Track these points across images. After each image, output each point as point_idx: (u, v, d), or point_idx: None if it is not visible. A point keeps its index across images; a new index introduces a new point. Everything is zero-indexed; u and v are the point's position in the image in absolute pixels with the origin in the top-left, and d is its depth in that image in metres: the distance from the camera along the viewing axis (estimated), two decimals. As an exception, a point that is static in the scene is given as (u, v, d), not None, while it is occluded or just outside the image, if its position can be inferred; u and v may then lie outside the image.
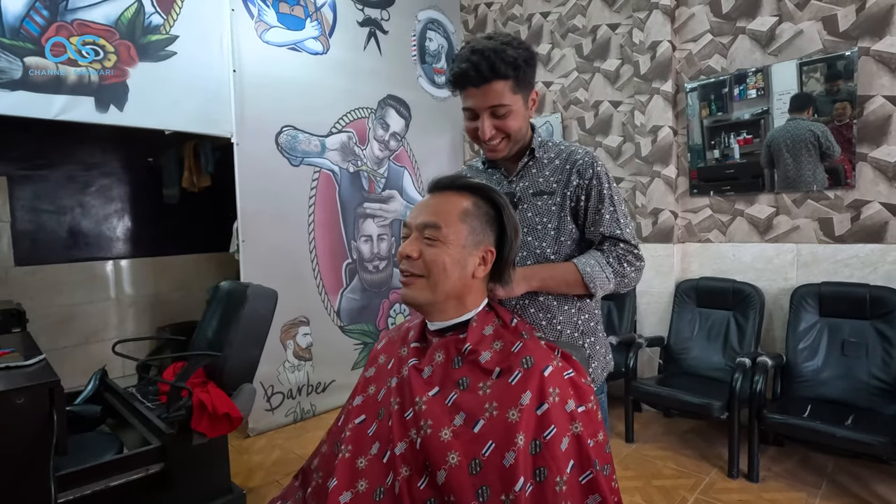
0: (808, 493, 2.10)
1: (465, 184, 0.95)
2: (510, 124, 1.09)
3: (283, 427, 2.97)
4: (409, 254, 0.89)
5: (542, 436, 0.75)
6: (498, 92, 1.05)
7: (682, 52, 2.88)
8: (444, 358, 0.88)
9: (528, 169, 1.18)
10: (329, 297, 3.21)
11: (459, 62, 1.06)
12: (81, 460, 1.49)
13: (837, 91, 2.36)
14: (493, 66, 1.02)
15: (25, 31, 2.14)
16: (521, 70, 1.06)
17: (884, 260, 2.31)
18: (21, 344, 1.78)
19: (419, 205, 0.95)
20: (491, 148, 1.12)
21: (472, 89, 1.06)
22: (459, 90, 1.10)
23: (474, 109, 1.09)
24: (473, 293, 0.93)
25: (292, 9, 3.01)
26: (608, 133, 3.25)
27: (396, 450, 0.81)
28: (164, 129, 2.57)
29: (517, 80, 1.06)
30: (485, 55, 1.02)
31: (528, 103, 1.12)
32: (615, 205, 1.13)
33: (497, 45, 1.04)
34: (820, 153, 2.45)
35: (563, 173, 1.14)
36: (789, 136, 2.52)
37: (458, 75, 1.06)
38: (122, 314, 3.75)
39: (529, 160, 1.18)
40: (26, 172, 3.35)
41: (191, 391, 1.73)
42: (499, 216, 0.94)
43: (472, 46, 1.06)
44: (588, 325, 1.19)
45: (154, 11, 2.48)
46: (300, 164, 3.04)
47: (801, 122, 2.48)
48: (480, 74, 1.03)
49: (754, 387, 2.20)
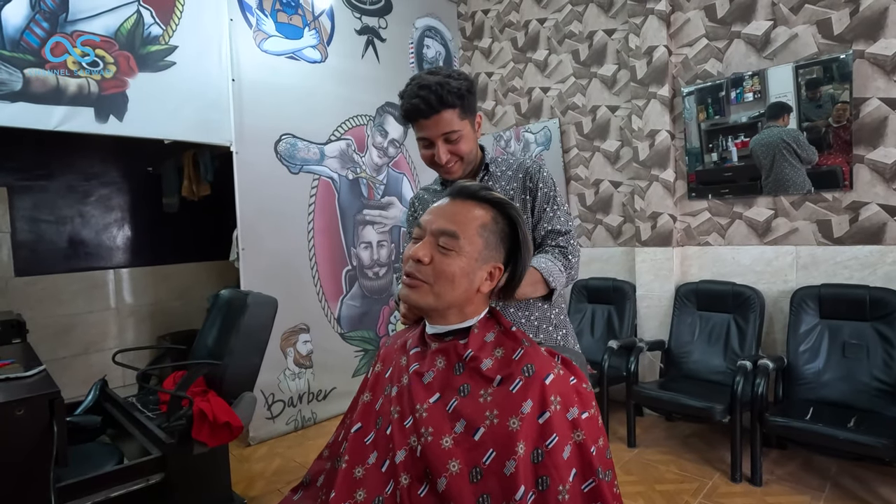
0: (812, 496, 2.09)
1: (488, 197, 0.92)
2: (462, 148, 1.21)
3: (285, 435, 2.96)
4: (420, 258, 0.86)
5: (544, 444, 0.75)
6: (447, 120, 1.17)
7: (679, 57, 2.90)
8: (445, 364, 0.87)
9: (485, 183, 1.29)
10: (329, 304, 3.21)
11: (409, 98, 1.17)
12: (82, 471, 1.49)
13: (833, 94, 2.38)
14: (441, 97, 1.13)
15: (25, 42, 2.15)
16: (465, 98, 1.17)
17: (883, 261, 2.31)
18: (21, 355, 1.79)
19: (437, 208, 0.92)
20: (447, 171, 1.24)
21: (424, 121, 1.17)
22: (412, 123, 1.21)
23: (428, 138, 1.20)
24: (475, 304, 0.92)
25: (290, 18, 3.04)
26: (606, 138, 3.27)
27: (396, 458, 0.80)
28: (163, 138, 2.58)
29: (463, 107, 1.18)
30: (432, 89, 1.13)
31: (474, 126, 1.24)
32: (558, 205, 1.27)
33: (441, 78, 1.15)
34: (798, 158, 2.49)
35: (517, 181, 1.28)
36: (763, 144, 2.59)
37: (409, 110, 1.17)
38: (122, 323, 3.74)
39: (485, 175, 1.31)
40: (26, 183, 3.36)
41: (191, 400, 1.72)
42: (513, 233, 0.92)
43: (419, 83, 1.16)
44: (559, 318, 1.30)
45: (153, 22, 2.50)
46: (299, 171, 3.05)
47: (773, 130, 2.54)
48: (430, 106, 1.14)
49: (756, 390, 2.20)
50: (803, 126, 2.46)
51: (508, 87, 3.77)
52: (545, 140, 3.54)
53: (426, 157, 1.25)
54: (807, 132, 2.46)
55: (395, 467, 0.80)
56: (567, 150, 3.45)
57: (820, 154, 2.44)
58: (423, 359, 0.91)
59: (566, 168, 3.45)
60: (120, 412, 1.98)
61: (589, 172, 3.36)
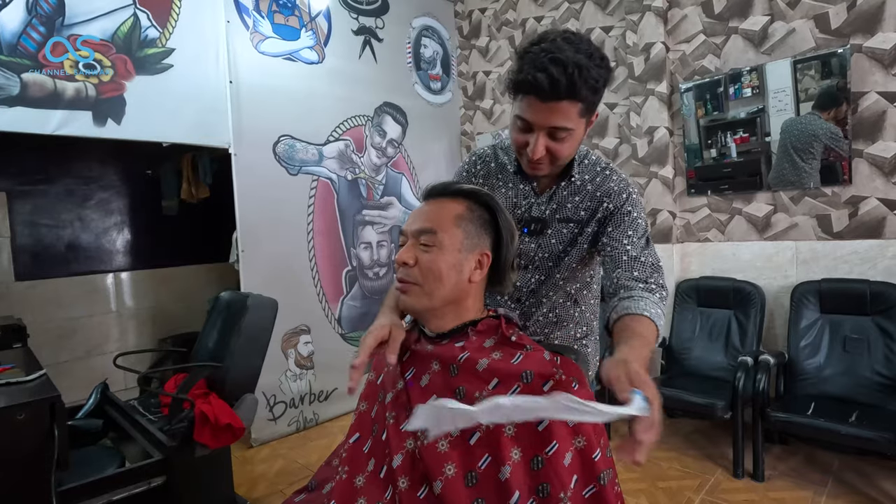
0: (815, 490, 2.09)
1: (458, 189, 0.95)
2: (564, 150, 0.97)
3: (287, 436, 2.96)
4: (405, 260, 0.88)
5: (544, 451, 0.74)
6: (565, 113, 0.90)
7: (676, 53, 2.90)
8: (440, 367, 0.87)
9: (561, 191, 1.09)
10: (330, 305, 3.21)
11: (533, 68, 0.87)
12: (83, 475, 1.49)
13: (831, 88, 2.37)
14: (574, 85, 0.86)
15: (23, 47, 2.15)
16: (598, 93, 0.92)
17: (883, 255, 2.31)
18: (22, 359, 1.78)
19: (414, 212, 0.95)
20: (534, 165, 1.00)
21: (537, 102, 0.90)
22: (521, 95, 0.92)
23: (531, 122, 0.93)
24: (472, 297, 0.93)
25: (287, 19, 3.03)
26: (604, 135, 3.26)
27: (394, 462, 0.80)
28: (161, 141, 2.58)
29: (587, 105, 0.92)
30: (567, 70, 0.86)
31: (587, 128, 0.98)
32: (648, 237, 1.06)
33: (582, 59, 0.87)
34: (816, 156, 2.46)
35: (594, 200, 1.07)
36: (800, 130, 2.47)
37: (527, 83, 0.89)
38: (122, 327, 3.74)
39: (565, 181, 1.08)
40: (26, 187, 3.36)
41: (193, 403, 1.72)
42: (493, 220, 0.93)
43: (552, 53, 0.87)
44: (591, 325, 1.25)
45: (150, 25, 2.50)
46: (298, 172, 3.05)
47: (816, 121, 2.43)
48: (556, 90, 0.87)
49: (757, 385, 2.20)
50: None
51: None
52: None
53: (517, 141, 0.99)
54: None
55: (393, 472, 0.80)
56: (566, 147, 3.45)
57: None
58: (417, 363, 0.91)
59: (565, 166, 3.45)
60: (121, 415, 1.98)
61: (588, 170, 3.36)
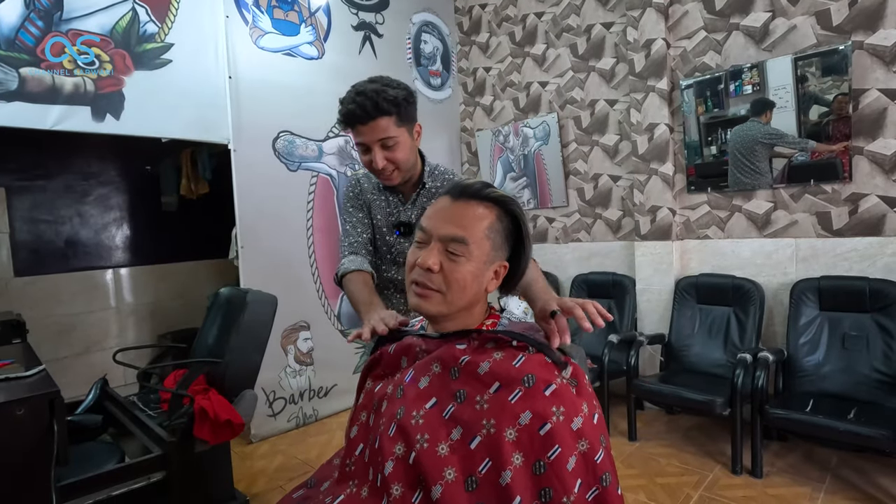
0: (813, 487, 2.10)
1: (489, 195, 0.90)
2: (398, 155, 1.26)
3: (286, 432, 2.97)
4: (430, 266, 0.84)
5: (546, 456, 0.73)
6: (383, 127, 1.22)
7: (677, 50, 2.89)
8: (440, 369, 0.86)
9: (420, 197, 1.38)
10: (329, 302, 3.20)
11: (347, 103, 1.21)
12: (83, 470, 1.49)
13: (832, 85, 2.36)
14: (377, 104, 1.19)
15: (21, 42, 2.14)
16: (402, 106, 1.22)
17: (882, 252, 2.31)
18: (21, 355, 1.78)
19: (441, 211, 0.89)
20: (385, 177, 1.30)
21: (361, 126, 1.22)
22: (350, 128, 1.24)
23: (366, 144, 1.25)
24: (481, 303, 0.93)
25: (287, 14, 3.02)
26: (605, 132, 3.26)
27: (385, 470, 0.79)
28: (160, 136, 2.57)
29: (399, 116, 1.23)
30: (368, 96, 1.19)
31: (412, 135, 1.29)
32: None
33: (378, 86, 1.20)
34: (767, 158, 2.58)
35: None
36: (741, 137, 2.67)
37: (346, 115, 1.22)
38: (122, 323, 3.74)
39: (420, 189, 1.38)
40: (24, 183, 3.35)
41: (192, 398, 1.72)
42: (517, 230, 0.91)
43: (357, 89, 1.21)
44: None
45: (149, 20, 2.48)
46: (298, 169, 3.05)
47: (754, 126, 2.61)
48: (366, 112, 1.19)
49: (756, 382, 2.20)
50: (801, 119, 2.46)
51: (506, 82, 3.76)
52: (544, 135, 3.52)
53: (365, 163, 1.29)
54: (805, 124, 2.45)
55: (386, 479, 0.78)
56: (566, 144, 3.44)
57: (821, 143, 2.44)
58: (417, 365, 0.89)
59: (565, 163, 3.45)
60: (121, 411, 1.98)
61: (588, 167, 3.36)
